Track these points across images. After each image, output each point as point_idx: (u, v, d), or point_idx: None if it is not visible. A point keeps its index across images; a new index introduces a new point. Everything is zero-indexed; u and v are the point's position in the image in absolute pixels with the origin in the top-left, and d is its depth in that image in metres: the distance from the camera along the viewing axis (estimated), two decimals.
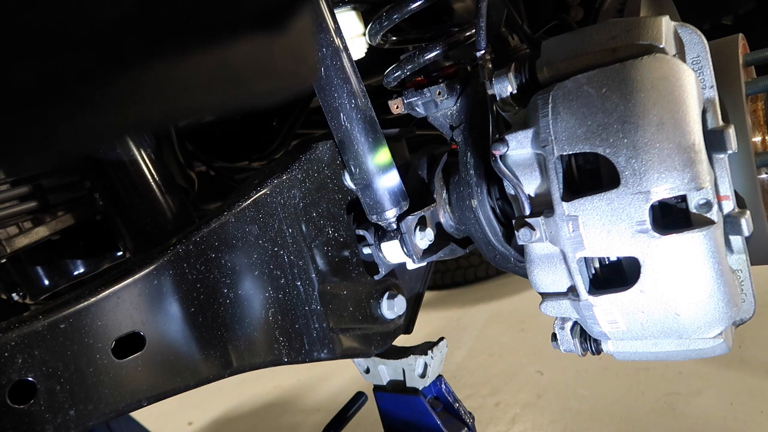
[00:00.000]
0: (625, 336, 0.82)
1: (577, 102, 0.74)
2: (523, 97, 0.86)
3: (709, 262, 0.71)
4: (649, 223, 0.71)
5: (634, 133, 0.70)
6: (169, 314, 0.81)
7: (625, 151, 0.70)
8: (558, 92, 0.76)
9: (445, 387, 1.20)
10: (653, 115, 0.69)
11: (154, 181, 1.02)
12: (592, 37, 0.77)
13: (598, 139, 0.72)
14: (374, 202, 0.96)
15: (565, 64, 0.79)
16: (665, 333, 0.79)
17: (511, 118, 0.88)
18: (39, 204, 1.02)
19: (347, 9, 1.07)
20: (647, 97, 0.70)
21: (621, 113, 0.71)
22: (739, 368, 2.21)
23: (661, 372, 2.32)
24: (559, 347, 0.93)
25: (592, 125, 0.73)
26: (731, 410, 2.02)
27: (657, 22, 0.75)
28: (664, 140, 0.69)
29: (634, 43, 0.73)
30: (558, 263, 0.82)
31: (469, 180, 1.00)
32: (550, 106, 0.76)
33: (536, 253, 0.84)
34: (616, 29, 0.76)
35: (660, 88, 0.70)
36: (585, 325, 0.86)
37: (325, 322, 0.97)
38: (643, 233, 0.71)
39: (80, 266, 1.20)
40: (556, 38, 0.82)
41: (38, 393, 0.71)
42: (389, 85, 1.05)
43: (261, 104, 1.09)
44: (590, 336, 0.90)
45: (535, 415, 2.31)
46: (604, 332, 0.83)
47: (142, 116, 0.44)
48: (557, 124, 0.75)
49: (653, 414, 2.12)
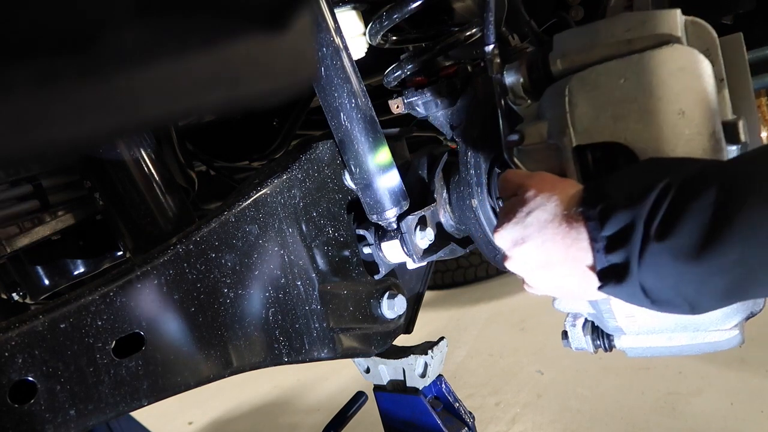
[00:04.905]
0: (641, 330, 0.82)
1: (596, 92, 0.75)
2: (535, 90, 0.87)
3: None
4: None
5: (657, 121, 0.71)
6: (169, 314, 0.81)
7: (648, 139, 0.72)
8: (575, 83, 0.77)
9: (445, 387, 1.20)
10: (675, 104, 0.71)
11: (154, 181, 1.02)
12: (606, 29, 0.78)
13: (619, 129, 0.73)
14: (374, 202, 0.96)
15: (579, 57, 0.79)
16: (682, 326, 0.79)
17: (523, 111, 0.89)
18: (39, 204, 1.01)
19: (347, 8, 1.07)
20: (668, 86, 0.71)
21: (642, 102, 0.72)
22: (739, 368, 2.21)
23: (661, 372, 2.32)
24: (570, 345, 0.93)
25: (612, 115, 0.74)
26: (731, 410, 2.02)
27: (672, 14, 0.76)
28: (686, 128, 0.70)
29: (651, 34, 0.74)
30: None
31: (470, 179, 1.00)
32: (568, 96, 0.77)
33: None
34: (631, 22, 0.76)
35: (680, 77, 0.71)
36: (599, 320, 0.86)
37: (325, 322, 0.97)
38: None
39: (80, 266, 1.20)
40: (569, 31, 0.83)
41: (38, 393, 0.71)
42: (389, 84, 1.05)
43: (261, 104, 1.09)
44: (602, 333, 0.90)
45: (536, 414, 2.31)
46: (620, 327, 0.83)
47: (141, 116, 0.44)
48: (575, 114, 0.76)
49: (653, 414, 2.12)
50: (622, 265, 0.64)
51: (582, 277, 0.70)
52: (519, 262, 0.77)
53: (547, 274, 0.74)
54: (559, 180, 0.76)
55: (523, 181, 0.77)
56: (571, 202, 0.70)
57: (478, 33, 1.01)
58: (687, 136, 0.71)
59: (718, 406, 2.06)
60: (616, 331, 0.85)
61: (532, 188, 0.75)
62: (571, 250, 0.69)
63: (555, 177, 0.77)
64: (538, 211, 0.72)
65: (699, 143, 0.71)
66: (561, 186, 0.74)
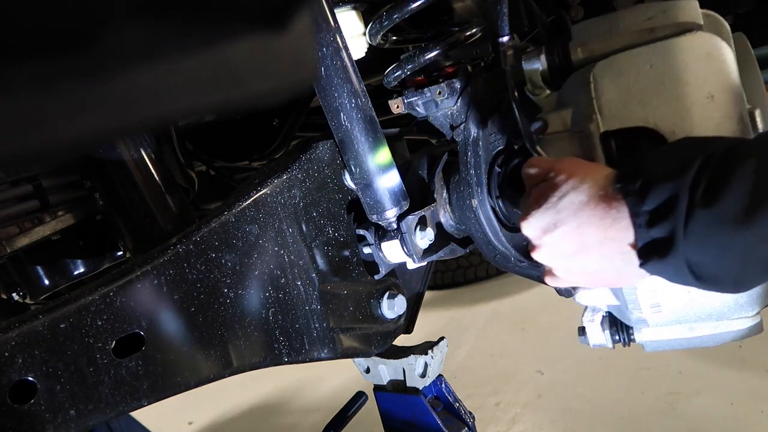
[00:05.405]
0: (665, 321, 0.82)
1: (623, 78, 0.77)
2: (554, 79, 0.88)
3: None
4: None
5: (687, 106, 0.73)
6: (169, 314, 0.81)
7: (678, 123, 0.73)
8: (600, 70, 0.78)
9: (445, 387, 1.20)
10: (704, 89, 0.73)
11: (154, 180, 1.02)
12: (626, 18, 0.80)
13: (649, 113, 0.75)
14: (374, 202, 0.96)
15: (600, 45, 0.81)
16: (706, 314, 0.79)
17: (541, 101, 0.90)
18: (39, 204, 1.01)
19: (347, 8, 1.07)
20: (696, 71, 0.73)
21: (671, 88, 0.74)
22: (739, 368, 2.21)
23: (662, 372, 2.32)
24: (588, 342, 0.93)
25: (640, 100, 0.75)
26: (731, 410, 2.02)
27: (692, 3, 0.78)
28: (716, 111, 0.72)
29: (674, 22, 0.76)
30: None
31: (470, 179, 1.00)
32: (593, 83, 0.78)
33: None
34: (651, 11, 0.78)
35: (707, 62, 0.73)
36: (622, 312, 0.86)
37: (325, 322, 0.97)
38: None
39: (80, 266, 1.20)
40: (587, 21, 0.85)
41: (38, 393, 0.71)
42: (389, 84, 1.05)
43: (261, 104, 1.09)
44: (622, 327, 0.90)
45: (536, 414, 2.31)
46: (644, 318, 0.83)
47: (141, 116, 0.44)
48: (602, 101, 0.77)
49: (653, 414, 2.12)
50: (666, 239, 0.63)
51: (621, 258, 0.68)
52: (550, 250, 0.74)
53: (581, 261, 0.72)
54: (589, 163, 0.76)
55: (552, 165, 0.76)
56: (606, 182, 0.69)
57: (479, 33, 1.01)
58: (717, 120, 0.72)
59: (718, 406, 2.06)
60: (639, 323, 0.85)
61: (563, 172, 0.73)
62: (610, 231, 0.67)
63: (584, 161, 0.77)
64: (572, 194, 0.70)
65: (728, 127, 0.72)
66: (593, 168, 0.73)
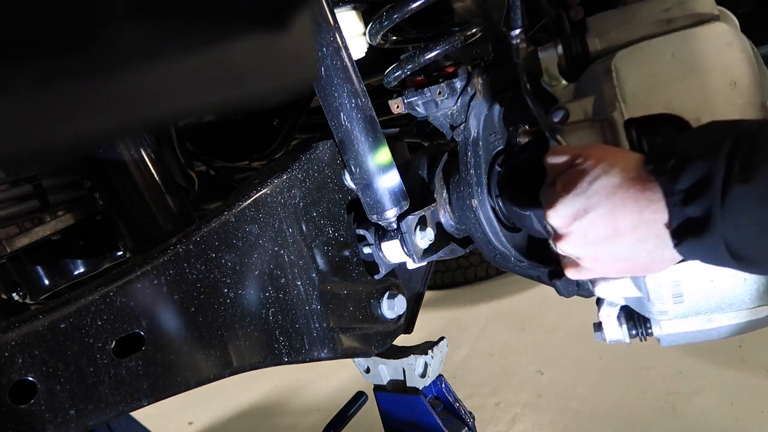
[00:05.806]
0: (685, 312, 0.83)
1: (645, 67, 0.78)
2: (571, 70, 0.89)
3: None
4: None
5: (710, 92, 0.75)
6: (169, 314, 0.81)
7: (703, 109, 0.75)
8: (621, 59, 0.80)
9: (445, 387, 1.20)
10: (726, 76, 0.75)
11: (154, 181, 1.02)
12: (643, 10, 0.82)
13: (673, 100, 0.76)
14: (374, 202, 0.96)
15: (618, 36, 0.83)
16: (727, 303, 0.80)
17: (558, 93, 0.91)
18: (39, 204, 1.01)
19: (347, 8, 1.07)
20: (718, 59, 0.75)
21: (694, 75, 0.76)
22: (739, 368, 2.21)
23: (662, 372, 2.32)
24: (604, 337, 0.94)
25: (664, 88, 0.77)
26: (731, 410, 2.02)
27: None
28: (739, 98, 0.74)
29: (692, 13, 0.79)
30: None
31: (470, 179, 1.00)
32: (615, 72, 0.80)
33: None
34: (668, 2, 0.81)
35: (728, 50, 0.75)
36: (642, 304, 0.86)
37: (325, 322, 0.97)
38: None
39: (80, 266, 1.20)
40: (602, 14, 0.87)
41: (38, 393, 0.71)
42: (389, 84, 1.05)
43: (261, 104, 1.09)
44: (638, 321, 0.91)
45: (536, 414, 2.31)
46: (666, 309, 0.83)
47: (142, 116, 0.44)
48: (624, 89, 0.79)
49: (653, 414, 2.12)
50: (702, 218, 0.62)
51: (655, 242, 0.67)
52: (579, 237, 0.72)
53: (612, 247, 0.70)
54: (616, 148, 0.75)
55: (579, 152, 0.75)
56: (637, 164, 0.68)
57: (479, 33, 1.01)
58: (740, 106, 0.74)
59: (718, 406, 2.06)
60: (660, 314, 0.85)
61: (591, 157, 0.72)
62: (645, 214, 0.66)
63: (611, 147, 0.76)
64: (603, 179, 0.69)
65: (752, 112, 0.74)
66: (621, 153, 0.73)
